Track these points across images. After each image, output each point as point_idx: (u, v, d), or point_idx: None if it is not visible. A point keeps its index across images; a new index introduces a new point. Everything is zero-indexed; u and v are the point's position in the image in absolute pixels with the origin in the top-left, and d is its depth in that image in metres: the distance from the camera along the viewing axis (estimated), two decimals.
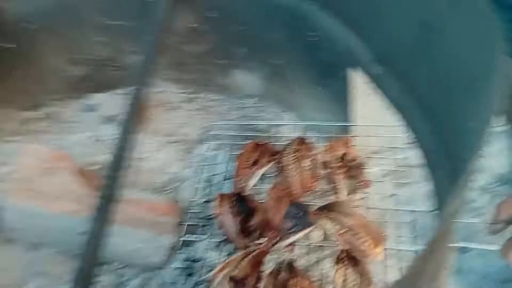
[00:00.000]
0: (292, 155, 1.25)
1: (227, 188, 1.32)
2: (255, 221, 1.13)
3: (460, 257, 1.26)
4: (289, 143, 1.29)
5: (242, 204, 1.14)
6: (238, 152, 1.30)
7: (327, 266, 1.15)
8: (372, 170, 1.46)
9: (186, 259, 1.22)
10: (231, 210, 1.13)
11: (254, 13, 1.35)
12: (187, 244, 1.20)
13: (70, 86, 1.56)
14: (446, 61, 0.78)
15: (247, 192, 1.23)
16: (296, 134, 1.41)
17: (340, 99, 1.31)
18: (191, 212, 1.26)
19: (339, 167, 1.20)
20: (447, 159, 0.86)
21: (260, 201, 1.20)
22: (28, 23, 1.38)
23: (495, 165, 1.41)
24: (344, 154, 1.22)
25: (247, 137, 1.41)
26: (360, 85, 1.32)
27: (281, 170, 1.24)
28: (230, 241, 1.13)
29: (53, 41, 1.44)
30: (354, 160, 1.22)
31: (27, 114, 1.52)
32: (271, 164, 1.27)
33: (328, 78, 1.28)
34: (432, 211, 1.14)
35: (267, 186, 1.28)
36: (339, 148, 1.25)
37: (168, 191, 1.34)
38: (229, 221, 1.13)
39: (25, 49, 1.41)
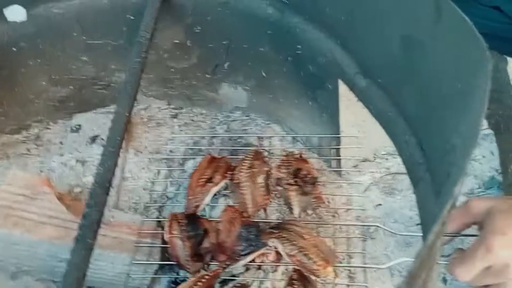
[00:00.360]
0: (246, 171, 1.23)
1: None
2: (206, 244, 1.12)
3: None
4: (244, 157, 1.27)
5: (193, 227, 1.12)
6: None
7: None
8: (359, 180, 1.46)
9: (171, 282, 1.19)
10: (181, 235, 1.10)
11: (238, 26, 1.33)
12: (170, 267, 1.17)
13: (53, 107, 1.53)
14: (428, 76, 0.76)
15: (200, 211, 1.21)
16: (283, 146, 1.40)
17: (326, 110, 1.29)
18: None
19: (292, 184, 1.19)
20: (430, 173, 0.85)
21: (212, 220, 1.18)
22: (8, 44, 1.35)
23: (479, 170, 1.40)
24: (298, 170, 1.20)
25: (234, 151, 1.39)
26: (346, 96, 1.31)
27: (235, 187, 1.22)
28: (179, 266, 1.10)
29: (35, 62, 1.41)
30: (308, 175, 1.20)
31: (9, 137, 1.49)
32: (225, 181, 1.25)
33: (314, 89, 1.26)
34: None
35: (221, 201, 1.27)
36: (293, 163, 1.23)
37: (152, 212, 1.31)
38: (180, 246, 1.10)
39: (6, 70, 1.38)
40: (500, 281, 0.77)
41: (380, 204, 1.41)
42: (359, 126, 1.62)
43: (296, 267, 1.08)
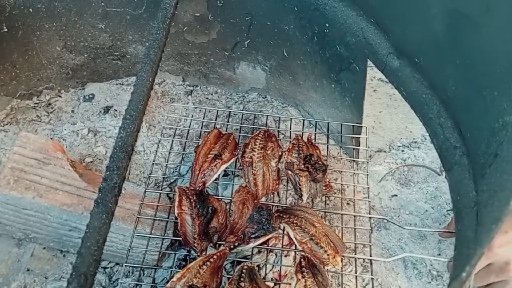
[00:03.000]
0: (259, 151, 1.19)
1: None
2: (214, 223, 1.08)
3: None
4: (254, 136, 1.23)
5: (203, 205, 1.08)
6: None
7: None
8: (375, 169, 1.43)
9: (181, 259, 1.16)
10: (191, 211, 1.07)
11: (262, 2, 1.29)
12: (181, 243, 1.12)
13: (66, 75, 1.49)
14: (477, 53, 0.72)
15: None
16: (298, 130, 1.36)
17: (349, 94, 1.25)
18: None
19: (303, 170, 1.16)
20: (468, 156, 0.81)
21: (221, 199, 1.14)
22: (23, 6, 1.31)
23: None
24: (310, 155, 1.17)
25: (249, 132, 1.35)
26: (371, 80, 1.27)
27: (246, 166, 1.18)
28: (186, 243, 1.06)
29: (50, 26, 1.37)
30: (319, 162, 1.17)
31: (19, 102, 1.45)
32: (233, 159, 1.21)
33: (339, 71, 1.22)
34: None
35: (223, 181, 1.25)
36: (303, 148, 1.20)
37: (163, 187, 1.27)
38: (189, 222, 1.06)
39: (20, 33, 1.34)
40: (502, 279, 0.77)
41: (395, 195, 1.38)
42: (375, 117, 1.60)
43: (305, 254, 1.05)
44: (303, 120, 1.41)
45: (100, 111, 1.46)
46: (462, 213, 0.78)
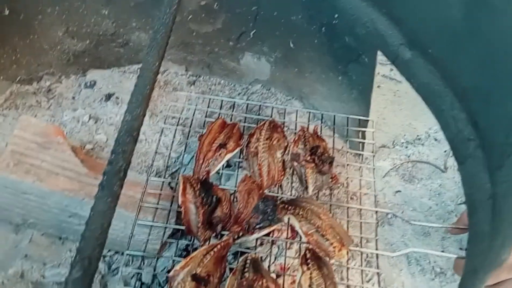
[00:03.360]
0: (264, 141, 1.17)
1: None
2: (218, 213, 1.06)
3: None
4: (259, 127, 1.21)
5: (207, 194, 1.05)
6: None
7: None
8: (379, 165, 1.42)
9: (182, 249, 1.14)
10: (195, 200, 1.04)
11: None
12: (183, 232, 1.10)
13: (67, 61, 1.46)
14: (496, 42, 0.71)
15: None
16: (302, 123, 1.35)
17: (357, 87, 1.24)
18: None
19: (309, 161, 1.14)
20: (483, 149, 0.80)
21: (225, 189, 1.12)
22: None
23: None
24: (316, 147, 1.15)
25: (253, 122, 1.33)
26: (379, 73, 1.25)
27: (251, 156, 1.16)
28: (189, 232, 1.04)
29: (52, 10, 1.34)
30: (325, 153, 1.15)
31: (19, 87, 1.42)
32: (238, 149, 1.18)
33: (347, 63, 1.20)
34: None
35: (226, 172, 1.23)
36: (309, 140, 1.19)
37: (166, 176, 1.25)
38: (192, 211, 1.04)
39: (21, 16, 1.31)
40: None
41: (399, 191, 1.37)
42: (379, 113, 1.59)
43: (310, 246, 1.04)
44: (309, 112, 1.39)
45: (102, 98, 1.44)
46: (476, 207, 0.77)
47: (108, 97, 1.44)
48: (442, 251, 1.25)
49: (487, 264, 0.55)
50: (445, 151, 1.46)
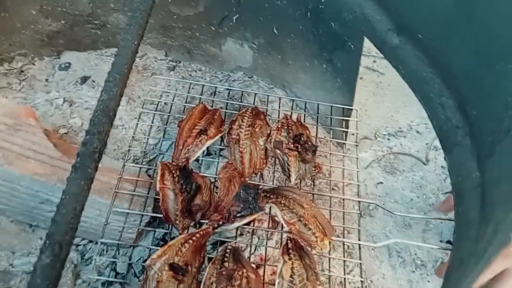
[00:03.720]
0: (247, 128, 1.14)
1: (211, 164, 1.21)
2: (198, 201, 1.02)
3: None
4: (242, 113, 1.18)
5: (186, 180, 1.02)
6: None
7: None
8: (361, 156, 1.40)
9: (160, 238, 1.10)
10: (173, 187, 1.01)
11: None
12: (160, 221, 1.07)
13: (41, 41, 1.40)
14: (489, 25, 0.69)
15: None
16: (286, 111, 1.32)
17: (342, 75, 1.21)
18: None
19: (292, 149, 1.11)
20: (471, 136, 0.78)
21: (205, 176, 1.08)
22: None
23: None
24: (299, 135, 1.13)
25: (235, 109, 1.29)
26: (362, 65, 1.23)
27: (233, 143, 1.13)
28: (167, 220, 1.00)
29: None
30: (308, 142, 1.13)
31: None
32: (219, 136, 1.15)
33: (332, 50, 1.18)
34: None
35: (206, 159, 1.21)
36: (293, 127, 1.16)
37: (143, 163, 1.20)
38: (171, 198, 1.00)
39: None
40: None
41: (381, 183, 1.36)
42: (361, 104, 1.57)
43: (292, 236, 1.01)
44: (292, 100, 1.36)
45: (77, 81, 1.38)
46: (464, 195, 0.75)
47: (84, 80, 1.38)
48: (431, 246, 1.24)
49: (478, 251, 0.52)
50: (426, 144, 1.45)
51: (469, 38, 0.74)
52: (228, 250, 0.95)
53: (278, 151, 1.14)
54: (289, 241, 0.99)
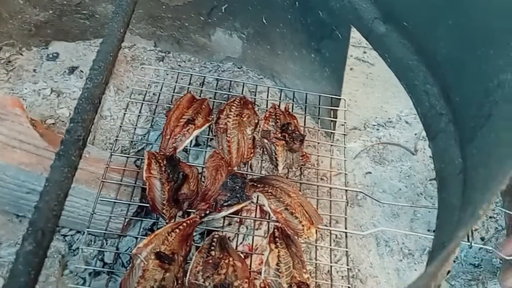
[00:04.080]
0: (234, 118, 1.14)
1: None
2: (185, 190, 1.02)
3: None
4: (229, 103, 1.18)
5: (173, 170, 1.02)
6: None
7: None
8: (350, 146, 1.40)
9: (148, 228, 1.10)
10: (160, 176, 1.01)
11: None
12: (148, 211, 1.07)
13: (28, 31, 1.39)
14: (476, 10, 0.69)
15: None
16: (274, 101, 1.32)
17: (330, 64, 1.21)
18: None
19: (280, 138, 1.12)
20: (454, 123, 0.79)
21: (192, 165, 1.08)
22: None
23: None
24: (287, 124, 1.13)
25: (224, 99, 1.29)
26: (347, 59, 1.23)
27: (220, 132, 1.13)
28: (153, 210, 1.00)
29: None
30: (296, 131, 1.13)
31: None
32: (207, 125, 1.15)
33: (320, 39, 1.17)
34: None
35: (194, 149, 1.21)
36: (280, 117, 1.16)
37: (131, 153, 1.20)
38: (157, 187, 1.00)
39: None
40: None
41: (369, 172, 1.36)
42: (351, 95, 1.57)
43: (278, 224, 1.01)
44: (280, 90, 1.36)
45: (65, 71, 1.37)
46: (447, 181, 0.75)
47: (72, 70, 1.37)
48: (418, 235, 1.25)
49: (457, 235, 0.53)
50: (415, 134, 1.45)
51: (452, 25, 0.74)
52: (214, 239, 0.95)
53: (265, 141, 1.14)
54: (276, 230, 1.00)
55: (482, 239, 1.27)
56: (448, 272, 0.58)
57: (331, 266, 1.05)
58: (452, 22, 0.74)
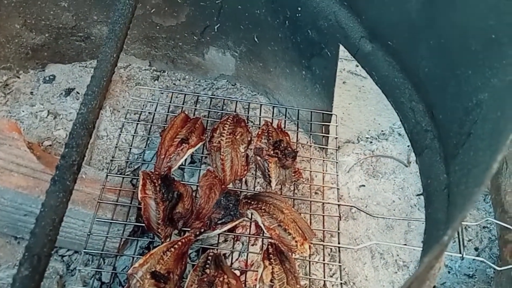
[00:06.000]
0: (228, 136, 1.16)
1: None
2: (180, 209, 1.05)
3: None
4: (223, 121, 1.21)
5: (168, 189, 1.04)
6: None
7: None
8: (344, 160, 1.42)
9: (144, 247, 1.11)
10: (155, 196, 1.03)
11: None
12: (144, 230, 1.09)
13: (25, 55, 1.42)
14: (452, 31, 0.71)
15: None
16: (267, 118, 1.34)
17: (320, 81, 1.23)
18: None
19: (272, 155, 1.14)
20: (439, 139, 0.81)
21: (187, 184, 1.11)
22: None
23: None
24: (279, 141, 1.16)
25: (217, 117, 1.31)
26: (340, 72, 1.25)
27: (214, 151, 1.16)
28: (149, 229, 1.02)
29: (9, 1, 1.29)
30: (288, 148, 1.16)
31: None
32: (201, 144, 1.18)
33: (310, 57, 1.20)
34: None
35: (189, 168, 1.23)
36: (273, 134, 1.19)
37: (127, 173, 1.22)
38: (152, 207, 1.02)
39: None
40: None
41: (363, 185, 1.38)
42: (344, 108, 1.60)
43: (272, 241, 1.03)
44: (273, 107, 1.38)
45: (61, 93, 1.39)
46: (433, 197, 0.77)
47: (68, 92, 1.40)
48: (405, 244, 1.27)
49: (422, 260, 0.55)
50: (408, 146, 1.47)
51: (433, 45, 0.76)
52: (209, 257, 0.97)
53: (258, 158, 1.16)
54: (269, 246, 1.02)
55: (476, 249, 1.28)
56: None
57: (325, 281, 1.06)
58: (433, 42, 0.76)
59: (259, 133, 1.19)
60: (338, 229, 1.10)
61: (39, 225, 0.68)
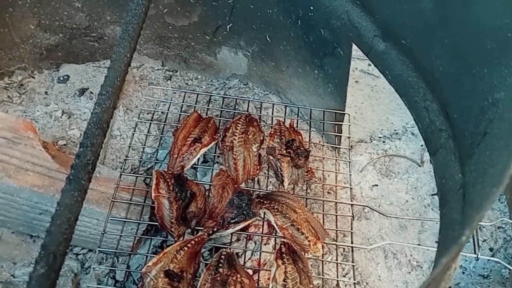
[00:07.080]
0: (240, 136, 1.17)
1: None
2: (193, 208, 1.05)
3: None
4: (235, 121, 1.21)
5: (181, 188, 1.05)
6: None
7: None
8: (357, 159, 1.42)
9: (158, 246, 1.12)
10: (169, 195, 1.03)
11: None
12: (158, 229, 1.09)
13: (40, 55, 1.43)
14: (469, 30, 0.71)
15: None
16: (280, 117, 1.34)
17: (333, 80, 1.23)
18: None
19: (285, 155, 1.14)
20: (454, 139, 0.80)
21: (200, 183, 1.11)
22: None
23: None
24: (292, 141, 1.15)
25: (230, 117, 1.32)
26: (353, 71, 1.25)
27: (226, 150, 1.16)
28: (162, 228, 1.03)
29: (23, 2, 1.31)
30: (301, 147, 1.15)
31: None
32: (213, 143, 1.18)
33: (322, 57, 1.20)
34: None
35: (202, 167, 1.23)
36: (285, 133, 1.18)
37: (140, 172, 1.23)
38: (166, 206, 1.03)
39: None
40: None
41: (376, 185, 1.37)
42: (357, 108, 1.59)
43: (285, 240, 1.03)
44: (285, 106, 1.38)
45: (75, 93, 1.41)
46: (448, 196, 0.77)
47: (82, 92, 1.41)
48: (419, 244, 1.26)
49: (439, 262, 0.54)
50: (421, 145, 1.46)
51: (448, 43, 0.76)
52: (222, 256, 0.97)
53: (271, 157, 1.16)
54: (282, 246, 1.02)
55: (491, 249, 1.27)
56: None
57: (338, 281, 1.06)
58: (447, 40, 0.75)
59: (272, 132, 1.19)
60: (351, 229, 1.09)
61: (55, 224, 0.68)
